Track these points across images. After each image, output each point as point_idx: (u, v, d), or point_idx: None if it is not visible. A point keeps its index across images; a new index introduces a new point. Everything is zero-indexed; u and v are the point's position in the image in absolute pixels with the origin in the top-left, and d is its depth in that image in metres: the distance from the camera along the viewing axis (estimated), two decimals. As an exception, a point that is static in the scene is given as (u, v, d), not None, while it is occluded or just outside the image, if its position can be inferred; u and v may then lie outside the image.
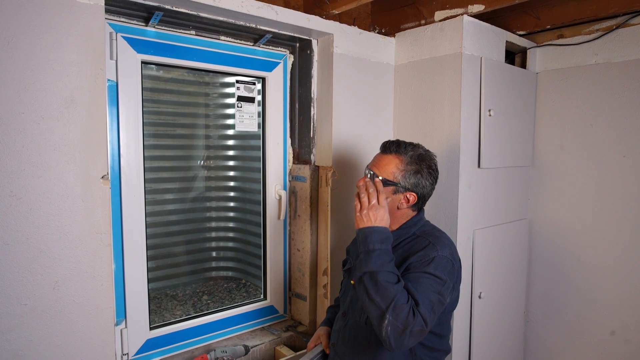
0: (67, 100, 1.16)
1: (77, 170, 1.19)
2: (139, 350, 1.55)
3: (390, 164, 1.28)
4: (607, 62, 1.91)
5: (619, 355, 1.96)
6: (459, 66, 1.74)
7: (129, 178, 1.48)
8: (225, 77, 2.16)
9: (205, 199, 2.65)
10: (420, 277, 1.15)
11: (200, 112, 2.49)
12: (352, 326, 1.32)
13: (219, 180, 2.63)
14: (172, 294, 2.50)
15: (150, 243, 2.38)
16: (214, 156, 2.58)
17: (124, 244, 1.49)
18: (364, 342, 1.29)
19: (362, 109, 1.90)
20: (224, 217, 2.70)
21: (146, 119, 1.56)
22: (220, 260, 2.76)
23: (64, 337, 1.20)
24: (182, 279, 2.62)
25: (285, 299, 1.98)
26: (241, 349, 1.66)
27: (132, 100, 1.47)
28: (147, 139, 1.57)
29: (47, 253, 1.16)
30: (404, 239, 1.30)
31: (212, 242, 2.75)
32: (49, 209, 1.15)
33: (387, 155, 1.29)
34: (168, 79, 2.23)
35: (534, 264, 2.22)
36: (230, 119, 2.33)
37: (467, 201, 1.81)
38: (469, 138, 1.79)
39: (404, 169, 1.27)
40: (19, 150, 1.10)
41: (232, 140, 2.47)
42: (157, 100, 2.24)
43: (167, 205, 2.48)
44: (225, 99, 2.38)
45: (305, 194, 1.86)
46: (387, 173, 1.27)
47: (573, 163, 2.06)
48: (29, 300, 1.14)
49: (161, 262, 2.54)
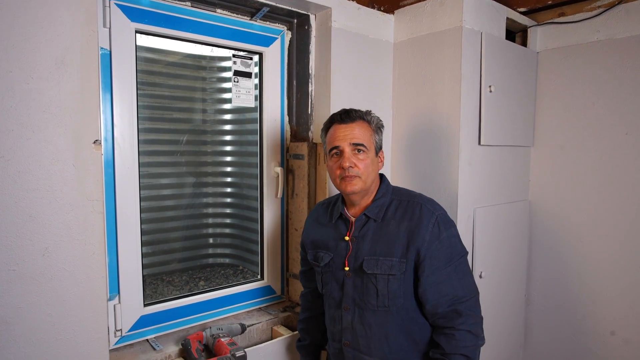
0: (57, 61, 1.13)
1: (68, 134, 1.15)
2: (133, 326, 1.52)
3: (365, 129, 1.29)
4: (609, 39, 1.89)
5: (621, 344, 1.93)
6: (459, 40, 1.72)
7: (122, 149, 1.45)
8: (223, 61, 2.13)
9: (201, 185, 2.61)
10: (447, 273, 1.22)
11: (197, 97, 2.46)
12: (364, 315, 1.28)
13: (215, 166, 2.60)
14: (168, 279, 2.46)
15: (146, 228, 2.35)
16: (211, 141, 2.54)
17: (118, 218, 1.46)
18: (387, 326, 1.26)
19: (361, 85, 1.87)
20: (221, 204, 2.66)
21: (141, 102, 1.53)
22: (217, 247, 2.73)
23: (54, 307, 1.16)
24: (178, 265, 2.59)
25: (282, 280, 1.95)
26: (237, 327, 1.63)
27: (126, 70, 1.44)
28: (142, 122, 1.54)
29: (37, 218, 1.12)
30: (386, 208, 1.30)
31: (209, 228, 2.72)
32: (38, 173, 1.12)
33: (355, 122, 1.28)
34: (167, 64, 2.19)
35: (535, 245, 2.19)
36: (228, 104, 2.30)
37: (468, 178, 1.78)
38: (469, 114, 1.76)
39: (374, 130, 1.31)
40: (6, 109, 1.06)
41: (229, 125, 2.44)
42: (153, 83, 2.20)
43: (162, 190, 2.45)
44: (222, 84, 2.35)
45: (303, 172, 1.83)
46: (367, 140, 1.28)
47: (574, 143, 2.03)
48: (17, 266, 1.10)
49: (157, 247, 2.50)
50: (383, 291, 1.24)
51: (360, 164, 1.25)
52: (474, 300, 1.26)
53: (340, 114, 1.30)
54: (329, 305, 1.38)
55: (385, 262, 1.23)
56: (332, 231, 1.37)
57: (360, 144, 1.25)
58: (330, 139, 1.30)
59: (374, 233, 1.28)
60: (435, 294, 1.22)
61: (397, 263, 1.23)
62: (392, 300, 1.24)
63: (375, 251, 1.26)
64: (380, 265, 1.24)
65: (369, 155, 1.27)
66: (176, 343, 1.55)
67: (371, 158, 1.28)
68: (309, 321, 1.55)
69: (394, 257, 1.23)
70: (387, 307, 1.24)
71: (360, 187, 1.26)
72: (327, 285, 1.36)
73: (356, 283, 1.28)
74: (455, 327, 1.20)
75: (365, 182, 1.27)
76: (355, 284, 1.28)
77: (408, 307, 1.26)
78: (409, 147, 1.93)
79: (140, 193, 1.52)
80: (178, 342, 1.55)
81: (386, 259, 1.24)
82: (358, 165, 1.25)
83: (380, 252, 1.25)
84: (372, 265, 1.24)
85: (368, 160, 1.27)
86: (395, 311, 1.25)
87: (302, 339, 1.57)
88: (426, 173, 1.85)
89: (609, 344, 1.96)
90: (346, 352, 1.32)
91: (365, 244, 1.28)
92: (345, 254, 1.31)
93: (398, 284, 1.23)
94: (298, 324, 1.59)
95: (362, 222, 1.31)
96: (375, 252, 1.25)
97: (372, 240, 1.27)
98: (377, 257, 1.25)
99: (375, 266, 1.24)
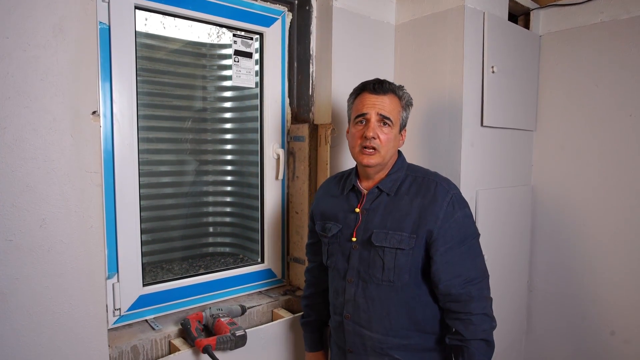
0: (55, 28, 1.11)
1: (66, 103, 1.14)
2: (132, 306, 1.50)
3: (395, 103, 1.26)
4: (613, 20, 1.87)
5: (626, 325, 1.91)
6: (461, 20, 1.70)
7: (121, 125, 1.43)
8: (223, 48, 2.11)
9: (202, 173, 2.60)
10: (460, 253, 1.21)
11: (198, 84, 2.44)
12: (368, 289, 1.25)
13: (216, 154, 2.58)
14: (167, 267, 2.45)
15: (146, 216, 2.33)
16: (211, 129, 2.52)
17: (116, 195, 1.44)
18: (390, 302, 1.24)
19: (362, 66, 1.85)
20: (222, 192, 2.65)
21: (140, 88, 1.51)
22: (217, 236, 2.71)
23: (52, 279, 1.14)
24: (177, 254, 2.57)
25: (283, 264, 1.93)
26: (237, 308, 1.61)
27: (125, 46, 1.42)
28: (141, 109, 1.53)
29: (34, 188, 1.10)
30: (400, 183, 1.28)
31: (210, 217, 2.70)
32: (35, 142, 1.10)
33: (387, 95, 1.25)
34: (169, 51, 2.18)
35: (538, 231, 2.17)
36: (228, 92, 2.29)
37: (470, 159, 1.76)
38: (472, 94, 1.75)
39: (403, 106, 1.28)
40: (3, 76, 1.04)
41: (229, 112, 2.42)
42: (153, 70, 2.19)
43: (162, 177, 2.43)
44: (222, 71, 2.33)
45: (303, 154, 1.81)
46: (395, 115, 1.25)
47: (577, 126, 2.01)
48: (14, 236, 1.08)
49: (157, 235, 2.49)
50: (389, 265, 1.22)
51: (382, 136, 1.23)
52: (486, 282, 1.25)
53: (373, 83, 1.27)
54: (332, 277, 1.36)
55: (395, 236, 1.21)
56: (342, 203, 1.35)
57: (388, 117, 1.23)
58: (358, 106, 1.27)
59: (386, 207, 1.26)
60: (449, 274, 1.20)
61: (406, 238, 1.21)
62: (397, 275, 1.22)
63: (385, 224, 1.24)
64: (389, 238, 1.22)
65: (393, 131, 1.25)
66: (175, 324, 1.53)
67: (394, 134, 1.26)
68: (314, 297, 1.53)
69: (404, 232, 1.21)
70: (392, 282, 1.22)
71: (376, 162, 1.24)
72: (333, 257, 1.34)
73: (362, 255, 1.26)
74: (471, 312, 1.18)
75: (384, 157, 1.25)
76: (362, 256, 1.26)
77: (412, 285, 1.24)
78: (411, 127, 1.91)
79: (140, 176, 1.50)
80: (177, 323, 1.53)
81: (396, 233, 1.22)
82: (380, 137, 1.23)
83: (391, 226, 1.23)
84: (381, 238, 1.22)
85: (391, 135, 1.25)
86: (400, 287, 1.23)
87: (307, 315, 1.55)
88: (428, 153, 1.83)
89: (615, 333, 1.94)
90: (346, 325, 1.30)
91: (376, 216, 1.26)
92: (354, 225, 1.29)
93: (405, 259, 1.21)
94: (302, 300, 1.57)
95: (375, 195, 1.29)
96: (385, 226, 1.24)
97: (383, 214, 1.25)
98: (386, 231, 1.23)
99: (384, 239, 1.22)
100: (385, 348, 1.25)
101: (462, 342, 1.19)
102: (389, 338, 1.25)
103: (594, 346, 2.00)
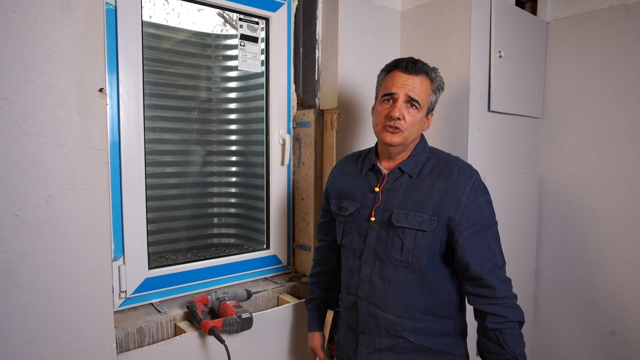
0: (61, 3, 1.10)
1: (73, 80, 1.13)
2: (137, 289, 1.50)
3: (426, 86, 1.23)
4: (622, 5, 1.85)
5: (635, 314, 1.89)
6: (468, 3, 1.69)
7: (127, 106, 1.43)
8: (228, 39, 2.10)
9: (207, 164, 2.59)
10: (485, 238, 1.20)
11: (203, 75, 2.44)
12: (385, 269, 1.23)
13: (221, 145, 2.58)
14: (172, 258, 2.44)
15: (150, 206, 2.33)
16: (216, 120, 2.52)
17: (122, 176, 1.44)
18: (407, 283, 1.22)
19: (368, 51, 1.85)
20: (226, 183, 2.64)
21: (146, 77, 1.51)
22: (222, 227, 2.70)
23: (58, 255, 1.14)
24: (182, 244, 2.57)
25: (288, 251, 1.93)
26: (243, 292, 1.60)
27: (131, 26, 1.42)
28: (146, 99, 1.52)
29: (41, 164, 1.10)
30: (422, 165, 1.27)
31: (214, 207, 2.70)
32: (42, 117, 1.09)
33: (419, 76, 1.22)
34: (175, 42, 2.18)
35: (545, 219, 2.15)
36: (233, 82, 2.28)
37: (477, 144, 1.75)
38: (479, 79, 1.73)
39: (434, 89, 1.25)
40: (10, 50, 1.04)
41: (234, 103, 2.41)
42: (158, 60, 2.19)
43: (166, 167, 2.43)
44: (227, 61, 2.33)
45: (309, 139, 1.81)
46: (424, 98, 1.23)
47: (585, 113, 1.99)
48: (21, 212, 1.08)
49: (161, 225, 2.48)
50: (409, 246, 1.20)
51: (408, 117, 1.20)
52: (505, 267, 1.26)
53: (406, 62, 1.22)
54: (347, 256, 1.34)
55: (416, 218, 1.20)
56: (360, 182, 1.33)
57: (416, 100, 1.20)
58: (388, 84, 1.24)
59: (407, 188, 1.24)
60: (477, 257, 1.19)
61: (427, 220, 1.19)
62: (416, 257, 1.20)
63: (406, 205, 1.22)
64: (410, 219, 1.20)
65: (419, 113, 1.23)
66: (181, 307, 1.53)
67: (421, 117, 1.23)
68: (320, 276, 1.52)
69: (425, 214, 1.19)
70: (410, 264, 1.21)
71: (399, 141, 1.22)
72: (348, 236, 1.31)
73: (380, 235, 1.24)
74: (507, 295, 1.20)
75: (407, 138, 1.23)
76: (380, 236, 1.24)
77: (430, 268, 1.23)
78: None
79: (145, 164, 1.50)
80: (183, 307, 1.53)
81: (417, 214, 1.20)
82: (406, 118, 1.20)
83: (412, 207, 1.21)
84: (402, 219, 1.21)
85: (417, 118, 1.22)
86: (418, 269, 1.21)
87: (311, 293, 1.54)
88: (435, 137, 1.82)
89: (624, 320, 1.92)
90: (360, 305, 1.27)
91: (396, 197, 1.24)
92: (373, 205, 1.27)
93: (425, 241, 1.20)
94: (309, 278, 1.56)
95: (396, 175, 1.27)
96: (406, 207, 1.22)
97: (404, 195, 1.23)
98: (407, 212, 1.21)
99: (405, 220, 1.20)
100: (400, 330, 1.24)
101: (505, 325, 1.19)
102: (403, 320, 1.23)
103: (601, 335, 1.98)
